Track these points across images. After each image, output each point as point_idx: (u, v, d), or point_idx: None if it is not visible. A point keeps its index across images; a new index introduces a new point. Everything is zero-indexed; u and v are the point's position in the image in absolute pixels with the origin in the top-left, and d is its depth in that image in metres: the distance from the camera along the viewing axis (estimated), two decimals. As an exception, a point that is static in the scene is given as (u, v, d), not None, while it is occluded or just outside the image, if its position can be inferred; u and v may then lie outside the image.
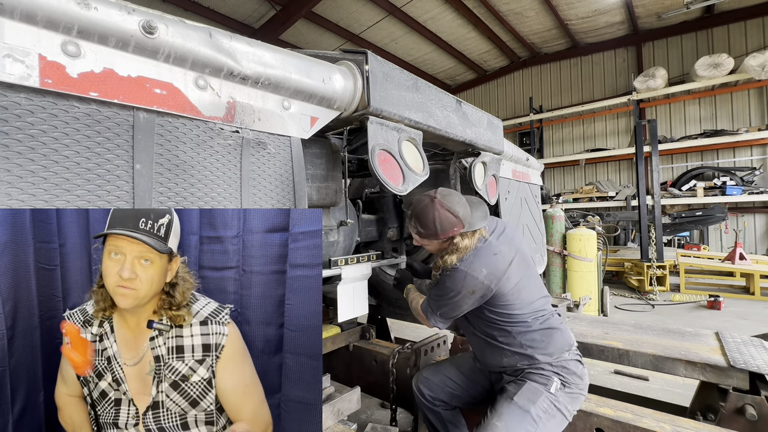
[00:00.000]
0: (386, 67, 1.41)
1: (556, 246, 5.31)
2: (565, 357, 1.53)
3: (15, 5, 0.69)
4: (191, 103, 0.96)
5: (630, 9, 8.20)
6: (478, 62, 11.11)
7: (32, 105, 0.75)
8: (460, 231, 1.51)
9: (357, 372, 2.54)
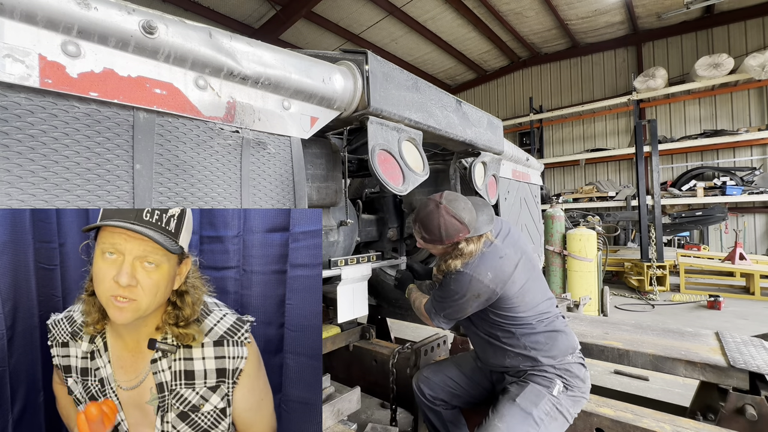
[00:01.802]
0: (386, 67, 1.41)
1: (556, 246, 5.31)
2: (568, 360, 1.52)
3: (15, 5, 0.69)
4: (191, 103, 0.96)
5: (630, 9, 8.20)
6: (478, 62, 11.11)
7: (32, 105, 0.75)
8: (465, 236, 1.50)
9: (357, 372, 2.54)
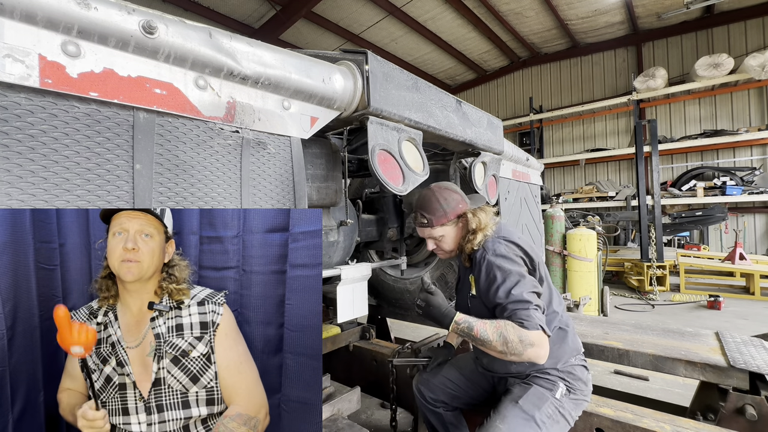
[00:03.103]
0: (386, 67, 1.41)
1: (556, 246, 5.31)
2: (571, 362, 1.50)
3: (15, 5, 0.69)
4: (191, 103, 0.96)
5: (630, 9, 8.20)
6: (478, 62, 11.11)
7: (32, 105, 0.75)
8: (465, 207, 1.50)
9: (357, 372, 2.54)
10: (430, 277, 2.65)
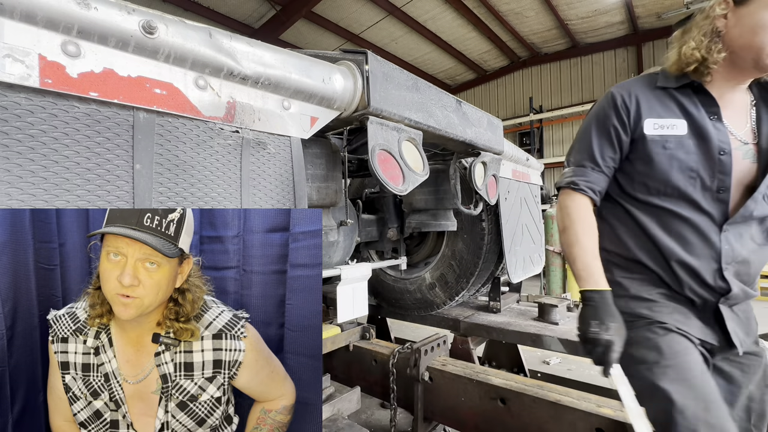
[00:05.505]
0: (386, 67, 1.41)
1: (556, 246, 5.31)
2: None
3: (15, 5, 0.69)
4: (191, 103, 0.96)
5: (630, 9, 8.21)
6: (478, 62, 11.11)
7: (32, 105, 0.75)
8: None
9: (357, 372, 2.54)
10: (431, 276, 2.65)
